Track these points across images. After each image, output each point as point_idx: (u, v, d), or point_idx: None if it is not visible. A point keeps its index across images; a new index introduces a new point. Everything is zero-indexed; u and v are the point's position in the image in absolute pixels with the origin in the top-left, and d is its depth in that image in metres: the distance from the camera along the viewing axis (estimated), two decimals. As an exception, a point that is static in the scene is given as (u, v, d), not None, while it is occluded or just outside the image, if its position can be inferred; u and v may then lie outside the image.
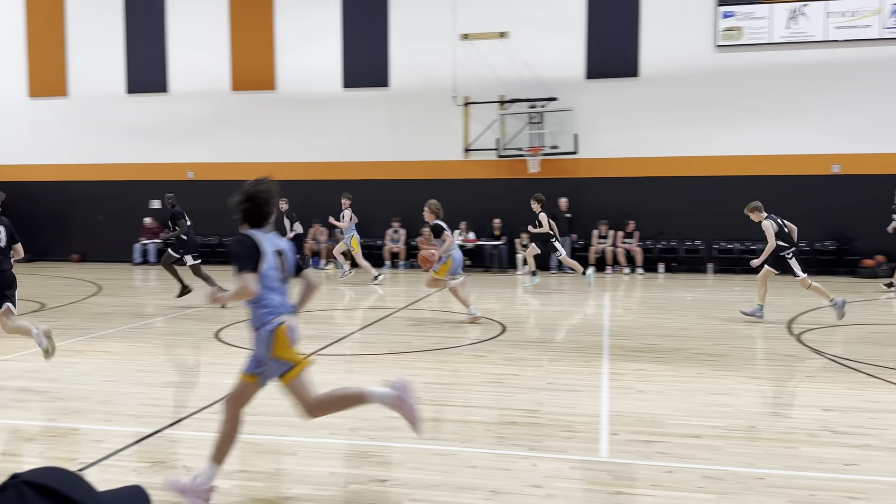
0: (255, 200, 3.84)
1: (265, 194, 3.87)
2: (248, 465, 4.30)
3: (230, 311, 10.49)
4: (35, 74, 19.51)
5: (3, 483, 1.00)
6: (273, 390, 5.95)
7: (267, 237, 3.80)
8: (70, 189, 19.31)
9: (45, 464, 4.48)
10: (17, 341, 8.26)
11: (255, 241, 3.72)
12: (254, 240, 3.73)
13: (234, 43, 18.58)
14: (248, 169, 18.51)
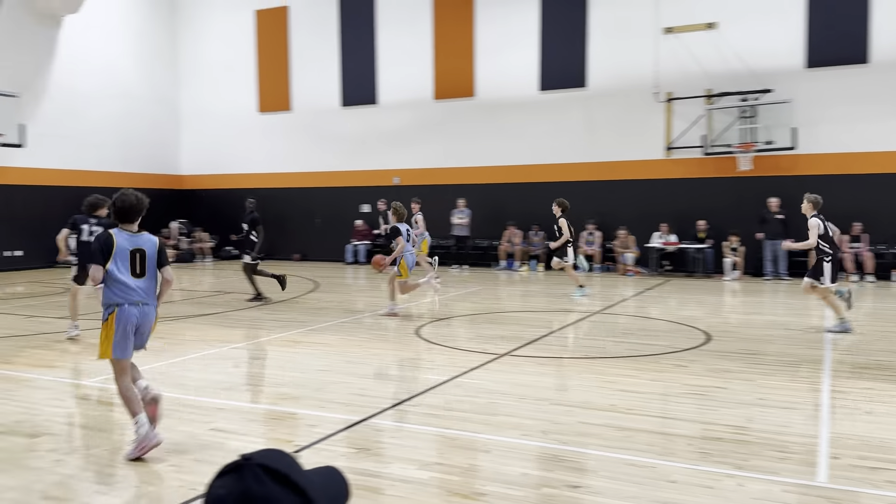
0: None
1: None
2: (445, 459, 4.45)
3: (431, 309, 10.93)
4: (264, 92, 21.72)
5: (237, 463, 1.06)
6: (471, 388, 6.11)
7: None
8: (292, 195, 21.26)
9: (268, 444, 4.97)
10: (244, 331, 9.24)
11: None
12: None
13: (437, 54, 19.36)
14: (448, 173, 19.23)
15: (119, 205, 4.73)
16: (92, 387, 6.33)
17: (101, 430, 5.05)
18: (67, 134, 19.41)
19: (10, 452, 4.59)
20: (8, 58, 17.49)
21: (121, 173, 20.98)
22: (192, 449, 4.62)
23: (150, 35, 21.99)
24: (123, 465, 4.33)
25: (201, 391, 6.11)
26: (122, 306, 4.58)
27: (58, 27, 19.27)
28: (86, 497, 3.88)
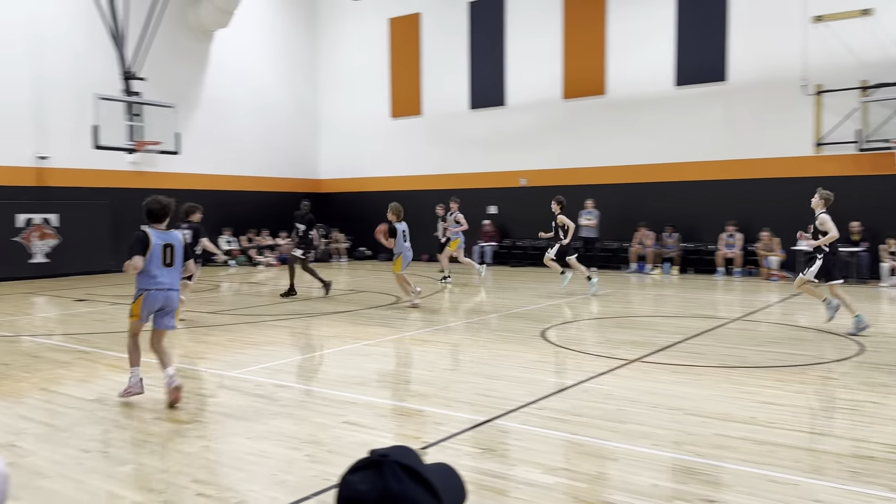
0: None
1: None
2: (572, 465, 4.37)
3: (557, 311, 10.81)
4: (396, 98, 22.35)
5: (374, 459, 1.09)
6: (599, 394, 5.97)
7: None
8: (421, 197, 21.69)
9: (396, 439, 5.08)
10: (375, 328, 9.53)
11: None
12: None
13: (567, 53, 19.11)
14: (576, 174, 18.92)
15: (148, 208, 5.87)
16: (236, 378, 6.75)
17: (242, 419, 5.38)
18: (217, 142, 20.88)
19: (162, 437, 4.98)
20: (165, 71, 19.03)
21: (264, 178, 22.31)
22: (325, 440, 4.82)
23: (292, 47, 23.22)
24: (263, 454, 4.59)
25: (335, 385, 6.36)
26: (149, 291, 5.79)
27: (209, 41, 20.77)
28: (229, 482, 4.14)
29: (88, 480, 4.13)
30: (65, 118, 17.40)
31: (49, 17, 17.20)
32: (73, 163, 17.61)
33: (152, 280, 5.78)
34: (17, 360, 7.67)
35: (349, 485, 1.08)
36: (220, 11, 19.90)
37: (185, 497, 3.87)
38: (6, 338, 9.12)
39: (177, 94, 19.07)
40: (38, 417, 5.46)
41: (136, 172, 18.99)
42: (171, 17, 18.91)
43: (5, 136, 16.49)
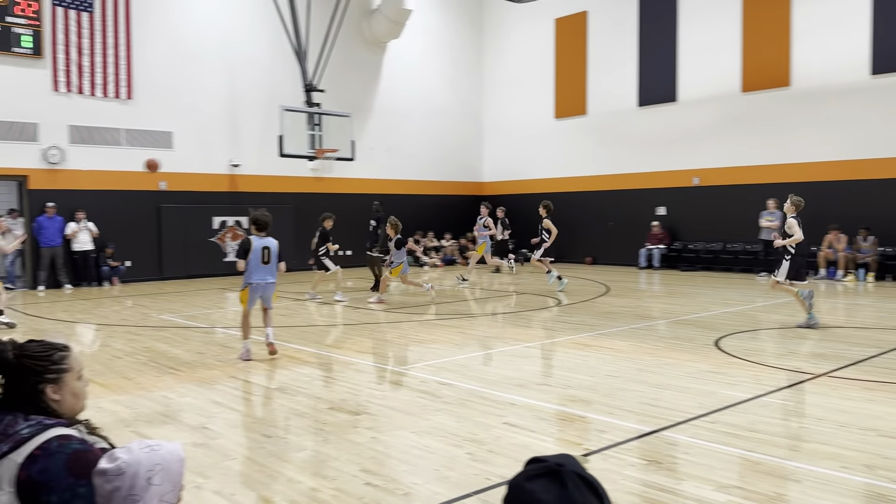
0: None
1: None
2: (747, 483, 4.09)
3: (731, 319, 10.17)
4: (560, 98, 22.14)
5: (551, 468, 1.08)
6: (779, 410, 5.54)
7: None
8: (585, 198, 21.34)
9: (558, 444, 5.00)
10: (537, 331, 9.48)
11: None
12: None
13: (746, 42, 17.95)
14: (755, 172, 17.70)
15: (255, 219, 7.85)
16: (404, 373, 7.01)
17: (408, 414, 5.56)
18: (389, 148, 21.82)
19: (336, 426, 5.28)
20: (341, 82, 20.18)
21: (431, 181, 22.99)
22: (486, 440, 4.86)
23: (459, 53, 23.75)
24: (427, 449, 4.72)
25: (497, 385, 6.41)
26: (252, 284, 7.70)
27: (383, 52, 21.76)
28: (395, 474, 4.30)
29: (269, 464, 4.47)
30: (254, 129, 19.00)
31: (241, 36, 18.85)
32: (260, 170, 19.18)
33: (253, 275, 7.68)
34: (211, 349, 8.47)
35: (530, 493, 1.06)
36: (392, 23, 20.81)
37: (354, 486, 4.07)
38: (202, 329, 10.10)
39: (352, 104, 20.17)
40: (227, 403, 5.99)
41: (315, 178, 20.32)
42: (347, 32, 20.03)
43: (206, 147, 18.30)
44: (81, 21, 16.29)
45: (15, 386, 2.19)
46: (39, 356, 2.22)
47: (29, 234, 15.79)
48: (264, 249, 7.75)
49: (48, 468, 2.00)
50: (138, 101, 17.14)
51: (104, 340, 9.18)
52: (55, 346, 2.28)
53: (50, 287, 15.67)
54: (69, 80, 16.18)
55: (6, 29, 15.32)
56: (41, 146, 15.90)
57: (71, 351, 2.29)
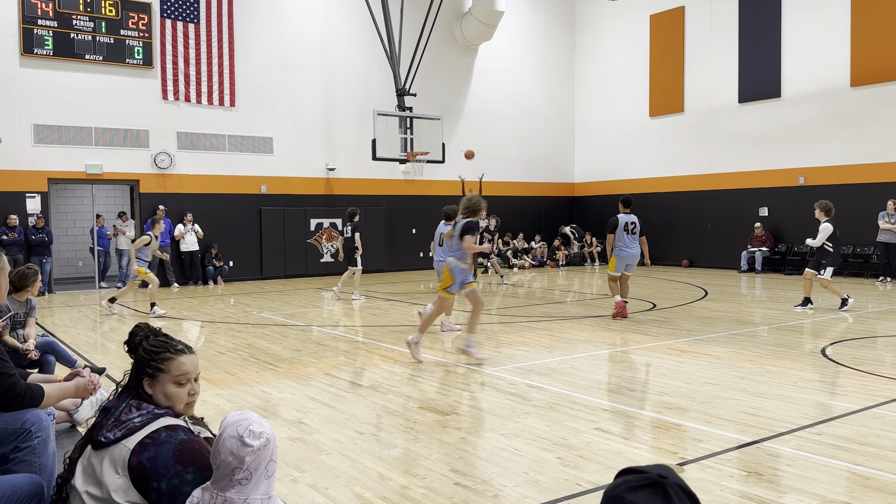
0: None
1: None
2: (855, 498, 3.86)
3: (840, 325, 9.62)
4: (655, 96, 21.57)
5: (653, 480, 1.05)
6: (893, 423, 5.21)
7: None
8: (681, 198, 20.69)
9: (652, 452, 4.88)
10: (630, 335, 9.27)
11: None
12: None
13: (855, 33, 16.94)
14: (866, 170, 16.66)
15: (464, 207, 7.97)
16: (492, 375, 7.01)
17: (497, 416, 5.56)
18: (479, 150, 21.87)
19: (426, 426, 5.34)
20: (432, 85, 20.41)
21: (523, 183, 22.89)
22: (577, 445, 4.80)
23: (550, 53, 23.55)
24: (516, 452, 4.70)
25: (588, 390, 6.32)
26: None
27: (474, 55, 21.85)
28: (485, 476, 4.31)
29: (361, 460, 4.58)
30: (349, 133, 19.50)
31: (337, 44, 19.39)
32: (354, 173, 19.66)
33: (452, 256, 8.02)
34: (308, 346, 8.75)
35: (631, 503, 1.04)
36: (484, 26, 20.86)
37: (444, 485, 4.11)
38: (299, 327, 10.45)
39: (443, 107, 20.37)
40: (322, 399, 6.18)
41: (406, 181, 20.63)
42: (438, 35, 20.24)
43: (303, 151, 18.93)
44: (188, 32, 17.20)
45: (133, 369, 2.38)
46: (151, 349, 2.38)
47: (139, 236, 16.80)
48: (440, 234, 9.12)
49: (158, 456, 2.13)
50: (241, 108, 17.93)
51: (209, 337, 9.65)
52: (170, 346, 2.41)
53: (160, 286, 16.61)
54: (177, 89, 17.11)
55: (120, 42, 16.37)
56: (151, 152, 16.89)
57: (181, 356, 2.39)
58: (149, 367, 2.35)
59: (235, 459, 1.99)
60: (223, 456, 1.99)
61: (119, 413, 2.27)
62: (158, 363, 2.36)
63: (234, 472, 1.99)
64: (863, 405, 5.67)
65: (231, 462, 1.99)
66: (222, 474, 2.00)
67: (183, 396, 2.38)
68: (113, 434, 2.20)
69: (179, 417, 2.34)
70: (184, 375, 2.38)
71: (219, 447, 2.01)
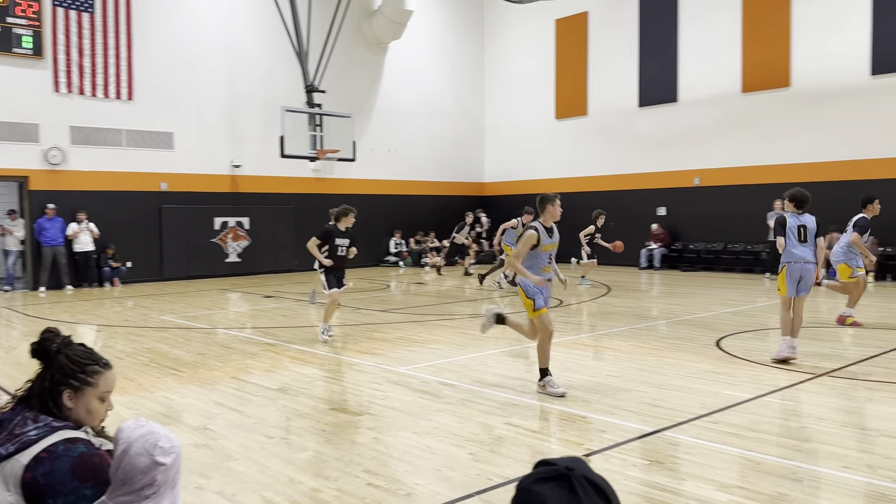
0: None
1: None
2: (748, 483, 4.09)
3: (732, 319, 10.17)
4: (561, 99, 22.15)
5: (560, 472, 1.07)
6: (780, 410, 5.55)
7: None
8: (586, 198, 21.32)
9: (559, 444, 5.00)
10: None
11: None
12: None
13: (746, 43, 17.95)
14: (755, 172, 17.70)
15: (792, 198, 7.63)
16: (403, 374, 7.01)
17: (409, 414, 5.57)
18: (389, 149, 21.83)
19: (337, 427, 5.28)
20: (342, 83, 20.20)
21: (433, 182, 23.00)
22: (488, 440, 4.87)
23: (460, 54, 23.76)
24: (429, 449, 4.72)
25: (499, 386, 6.42)
26: (790, 264, 7.34)
27: (384, 53, 21.77)
28: (397, 475, 4.30)
29: (271, 464, 4.48)
30: (255, 130, 19.02)
31: (241, 37, 18.86)
32: (262, 170, 19.19)
33: (794, 254, 7.42)
34: (213, 350, 8.48)
35: (537, 496, 1.06)
36: (393, 24, 20.81)
37: (356, 486, 4.08)
38: (203, 330, 10.12)
39: (353, 104, 20.19)
40: (229, 404, 6.00)
41: (316, 179, 20.33)
42: (348, 31, 20.04)
43: (207, 148, 18.31)
44: (82, 21, 16.30)
45: (43, 379, 2.21)
46: (76, 359, 2.24)
47: (29, 235, 15.80)
48: (800, 228, 7.45)
49: (54, 471, 2.01)
50: (139, 102, 17.15)
51: (105, 341, 9.19)
52: (96, 360, 2.29)
53: (51, 288, 15.68)
54: (70, 81, 16.19)
55: (7, 30, 15.34)
56: (42, 147, 15.92)
57: (107, 371, 2.30)
58: (74, 380, 2.21)
59: (145, 477, 1.90)
60: (131, 473, 1.90)
61: (13, 426, 2.12)
62: (87, 376, 2.23)
63: (144, 489, 1.90)
64: (754, 394, 6.01)
65: (139, 479, 1.90)
66: (128, 490, 1.90)
67: (102, 412, 2.28)
68: (5, 449, 2.05)
69: (80, 429, 2.21)
70: (109, 392, 2.30)
71: (124, 463, 1.91)
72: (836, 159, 16.48)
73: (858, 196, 16.12)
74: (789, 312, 7.38)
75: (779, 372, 6.85)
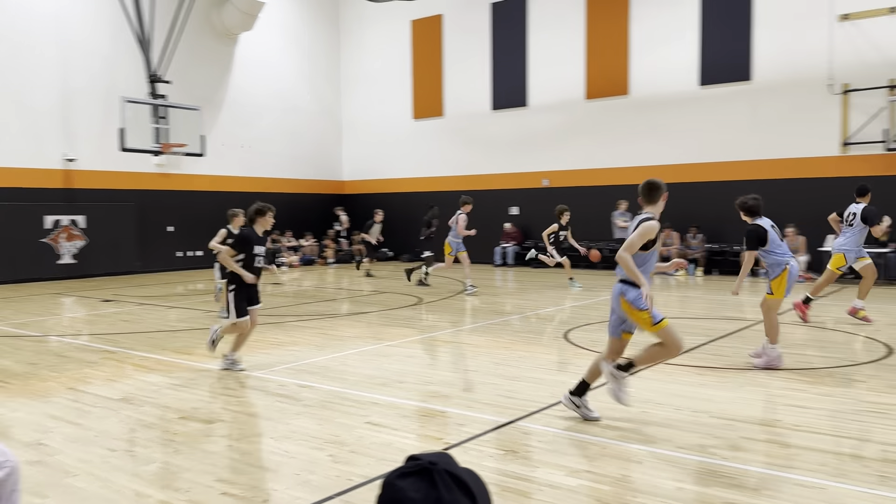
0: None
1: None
2: (595, 467, 4.35)
3: (579, 313, 10.75)
4: (418, 99, 22.39)
5: (423, 466, 1.09)
6: (635, 400, 5.93)
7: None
8: (443, 198, 21.70)
9: (419, 440, 5.05)
10: (398, 329, 9.54)
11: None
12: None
13: (590, 52, 19.02)
14: (600, 174, 18.82)
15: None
16: (260, 378, 6.81)
17: (267, 419, 5.42)
18: (243, 144, 21.07)
19: (188, 436, 5.04)
20: (190, 74, 19.24)
21: (290, 179, 22.47)
22: (348, 441, 4.84)
23: (316, 50, 23.36)
24: (287, 454, 4.62)
25: (358, 386, 6.39)
26: (790, 263, 6.80)
27: (234, 44, 20.97)
28: (254, 482, 4.17)
29: (115, 479, 4.19)
30: (92, 121, 17.68)
31: (75, 22, 17.47)
32: (99, 165, 17.87)
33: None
34: (45, 359, 7.80)
35: (399, 490, 1.07)
36: (244, 14, 20.09)
37: (210, 496, 3.91)
38: (34, 338, 9.28)
39: (202, 97, 19.28)
40: (65, 416, 5.55)
41: (161, 174, 19.23)
42: (195, 21, 19.11)
43: (34, 139, 16.78)
44: None
45: None
46: None
47: None
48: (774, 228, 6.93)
49: None
50: (-47, 86, 15.42)
51: (-86, 354, 8.20)
52: None
53: None
54: None
55: None
56: None
57: None
58: None
59: None
60: None
61: None
62: None
63: None
64: (598, 382, 6.38)
65: None
66: None
67: None
68: None
69: None
70: None
71: None
72: (669, 163, 17.86)
73: (687, 197, 17.60)
74: (777, 317, 6.95)
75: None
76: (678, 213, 17.52)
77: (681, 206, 17.44)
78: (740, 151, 16.93)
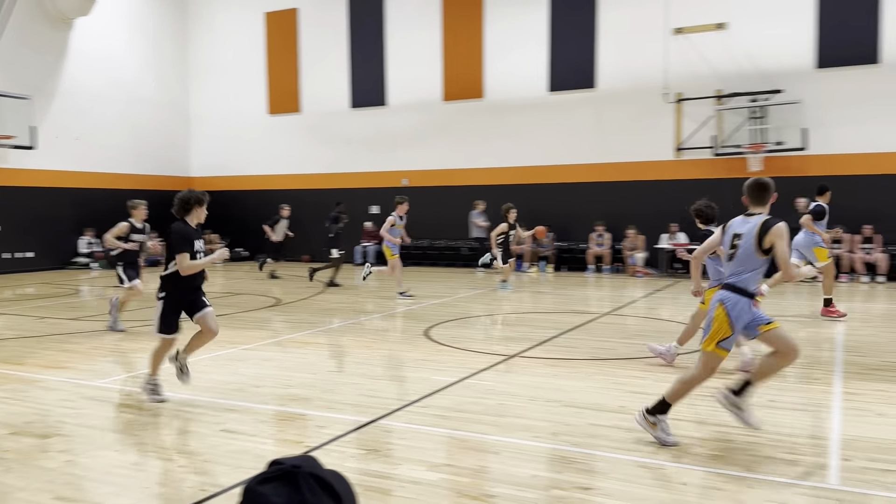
0: None
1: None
2: (454, 460, 4.44)
3: (439, 310, 10.94)
4: (274, 94, 21.79)
5: (286, 470, 1.06)
6: (480, 390, 6.09)
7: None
8: (302, 196, 21.29)
9: (278, 445, 4.94)
10: (255, 332, 9.26)
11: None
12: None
13: (447, 55, 19.36)
14: (457, 175, 19.23)
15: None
16: (102, 387, 6.36)
17: (110, 431, 5.07)
18: (79, 136, 19.52)
19: (21, 453, 4.61)
20: (19, 60, 17.61)
21: (132, 175, 21.11)
22: (201, 450, 4.63)
23: (160, 39, 22.09)
24: (135, 467, 4.35)
25: (213, 392, 6.13)
26: None
27: (69, 29, 19.39)
28: (98, 497, 3.90)
29: (-68, 506, 3.77)
30: None
31: None
32: None
33: None
34: None
35: (261, 496, 1.04)
36: (80, -3, 18.63)
37: (46, 518, 3.61)
38: None
39: (32, 86, 17.71)
40: None
41: (-17, 168, 17.45)
42: (25, 3, 17.51)
43: None
44: None
45: None
46: None
47: None
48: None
49: None
50: None
51: None
52: None
53: None
54: None
55: None
56: None
57: None
58: None
59: None
60: None
61: None
62: None
63: None
64: (458, 377, 6.54)
65: None
66: None
67: None
68: None
69: None
70: None
71: None
72: (521, 165, 18.57)
73: (538, 197, 18.40)
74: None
75: (479, 356, 7.53)
76: (529, 212, 18.29)
77: (531, 206, 18.24)
78: (586, 155, 17.91)
